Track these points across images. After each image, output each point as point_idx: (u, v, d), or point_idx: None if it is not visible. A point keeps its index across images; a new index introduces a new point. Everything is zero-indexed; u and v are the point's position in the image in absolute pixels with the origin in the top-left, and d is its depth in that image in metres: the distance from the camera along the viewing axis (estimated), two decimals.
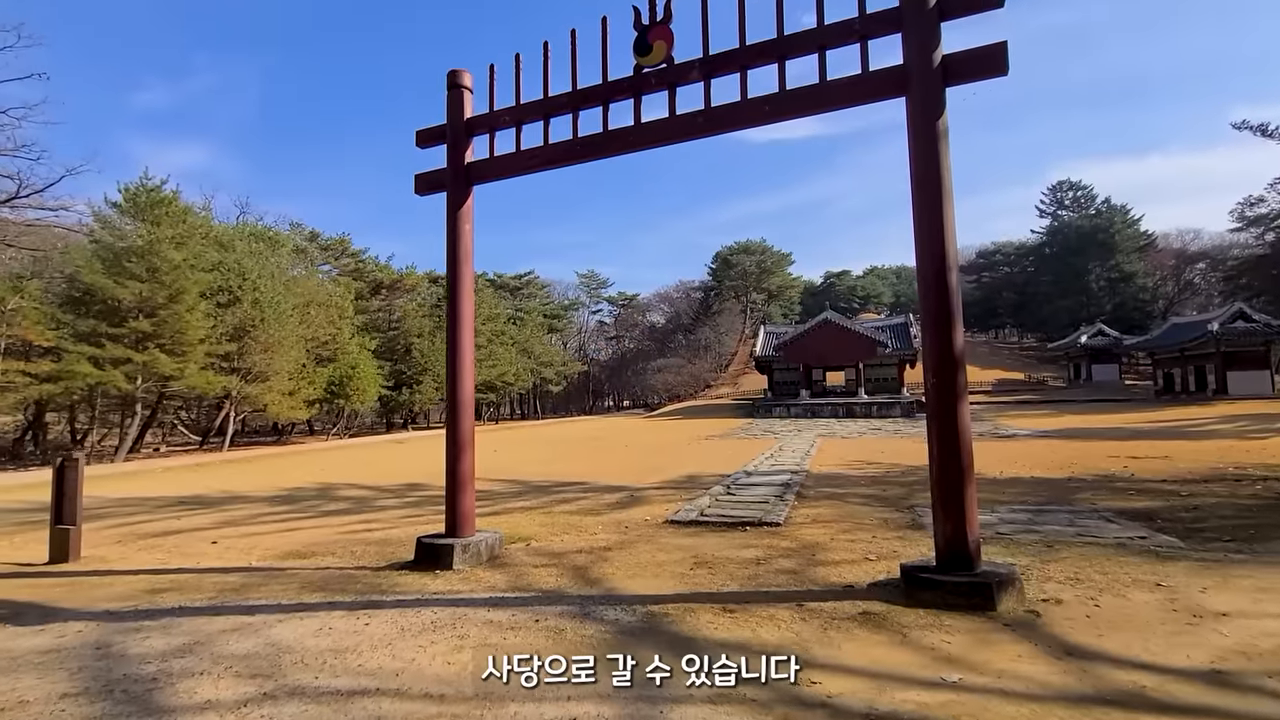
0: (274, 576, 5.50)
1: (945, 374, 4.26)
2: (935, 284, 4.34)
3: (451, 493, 5.85)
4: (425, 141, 6.41)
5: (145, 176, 25.76)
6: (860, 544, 5.96)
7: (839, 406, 36.94)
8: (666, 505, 8.75)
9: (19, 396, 22.15)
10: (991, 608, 3.84)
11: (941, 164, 4.42)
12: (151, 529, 8.49)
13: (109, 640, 3.90)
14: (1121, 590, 4.21)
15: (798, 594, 4.41)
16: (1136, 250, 66.36)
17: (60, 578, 5.84)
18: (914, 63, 4.52)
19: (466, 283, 6.03)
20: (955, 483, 4.18)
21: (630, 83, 5.49)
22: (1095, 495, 8.63)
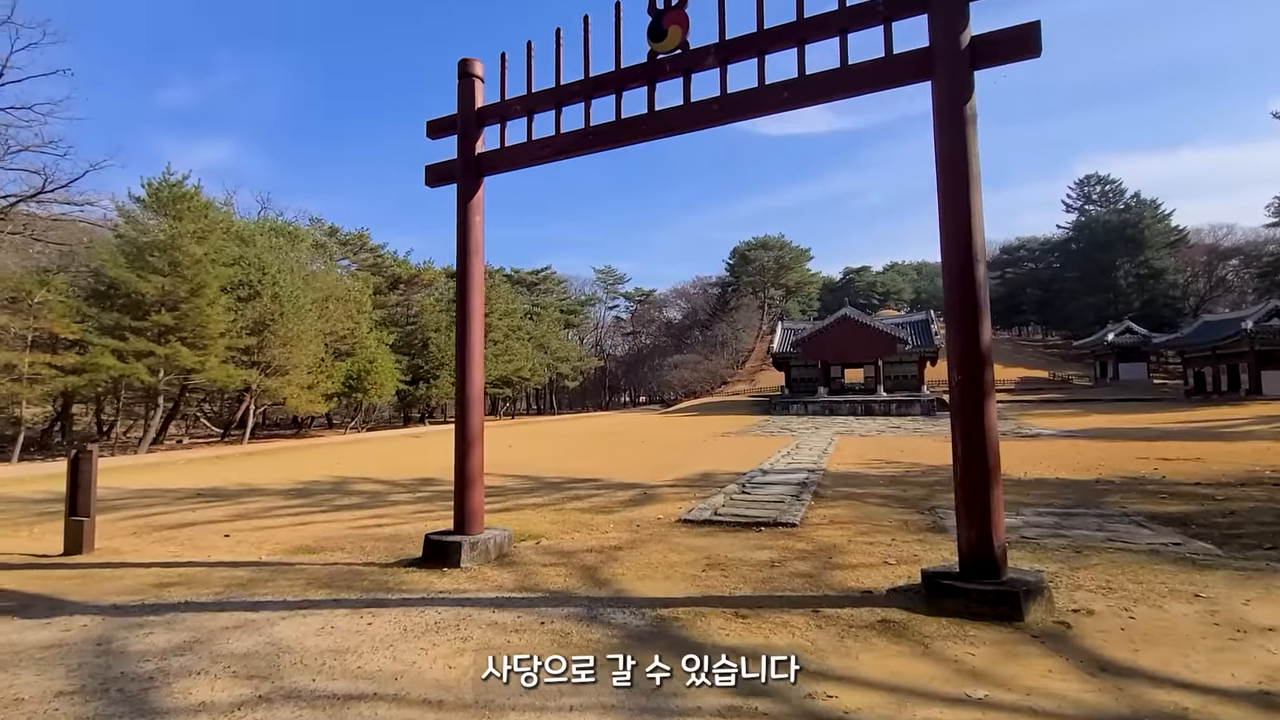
0: (282, 572, 5.46)
1: (971, 370, 4.06)
2: (961, 276, 4.13)
3: (460, 489, 5.76)
4: (436, 132, 6.31)
5: (168, 171, 26.19)
6: (879, 547, 5.77)
7: (857, 404, 36.50)
8: (680, 504, 8.61)
9: (46, 388, 22.64)
10: (1019, 618, 3.65)
11: (969, 151, 4.20)
12: (167, 521, 8.55)
13: (112, 636, 3.86)
14: (1157, 601, 3.99)
15: (813, 599, 4.24)
16: (1167, 246, 64.60)
17: (72, 569, 5.86)
18: (940, 45, 4.30)
19: (477, 276, 5.92)
20: (981, 485, 3.99)
21: (644, 69, 5.33)
22: (1125, 498, 8.32)
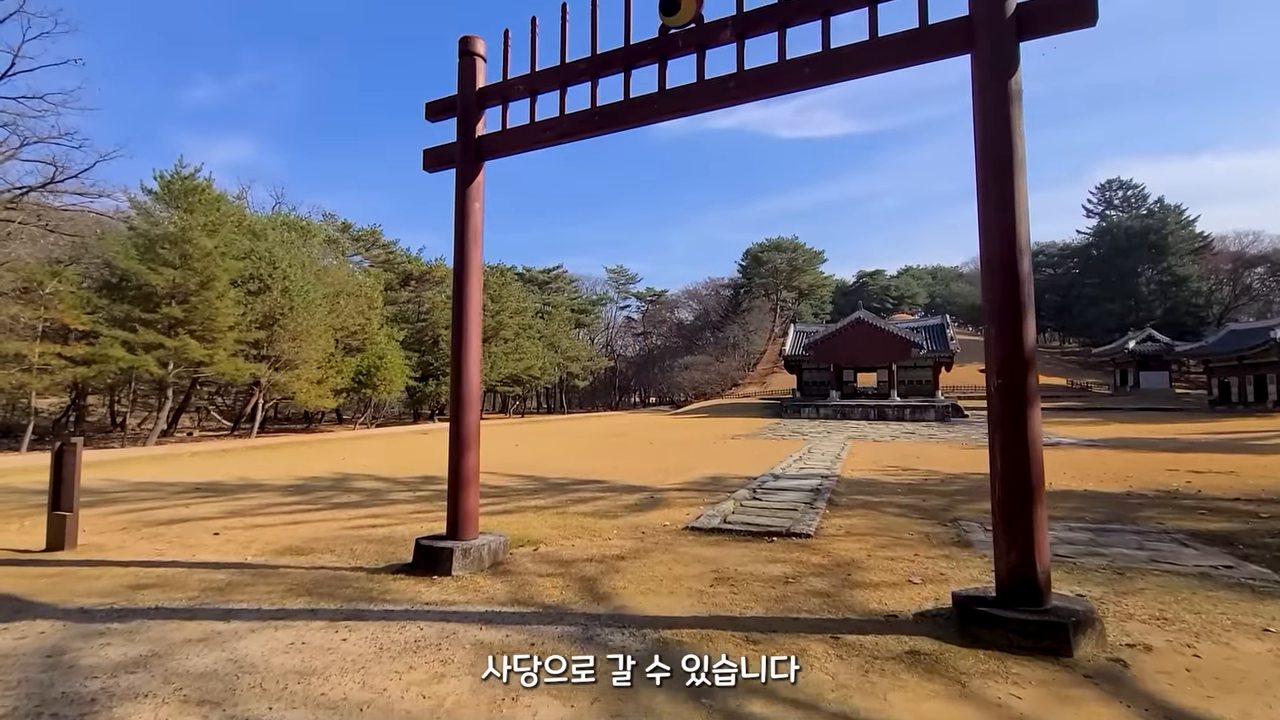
0: (264, 576, 5.15)
1: (1014, 375, 3.64)
2: (1004, 270, 3.72)
3: (454, 491, 5.41)
4: (435, 114, 5.98)
5: (180, 164, 26.17)
6: (901, 563, 5.35)
7: (870, 408, 35.88)
8: (687, 509, 8.22)
9: (55, 379, 22.65)
10: (1067, 653, 3.23)
11: (1013, 131, 3.79)
12: (159, 516, 8.29)
13: (66, 646, 3.55)
14: (1222, 636, 3.55)
15: (833, 623, 3.85)
16: (1191, 252, 63.20)
17: (50, 567, 5.59)
18: (982, 13, 3.90)
19: (475, 265, 5.58)
20: (1023, 501, 3.58)
21: (655, 45, 4.96)
22: (1161, 514, 7.83)
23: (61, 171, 21.96)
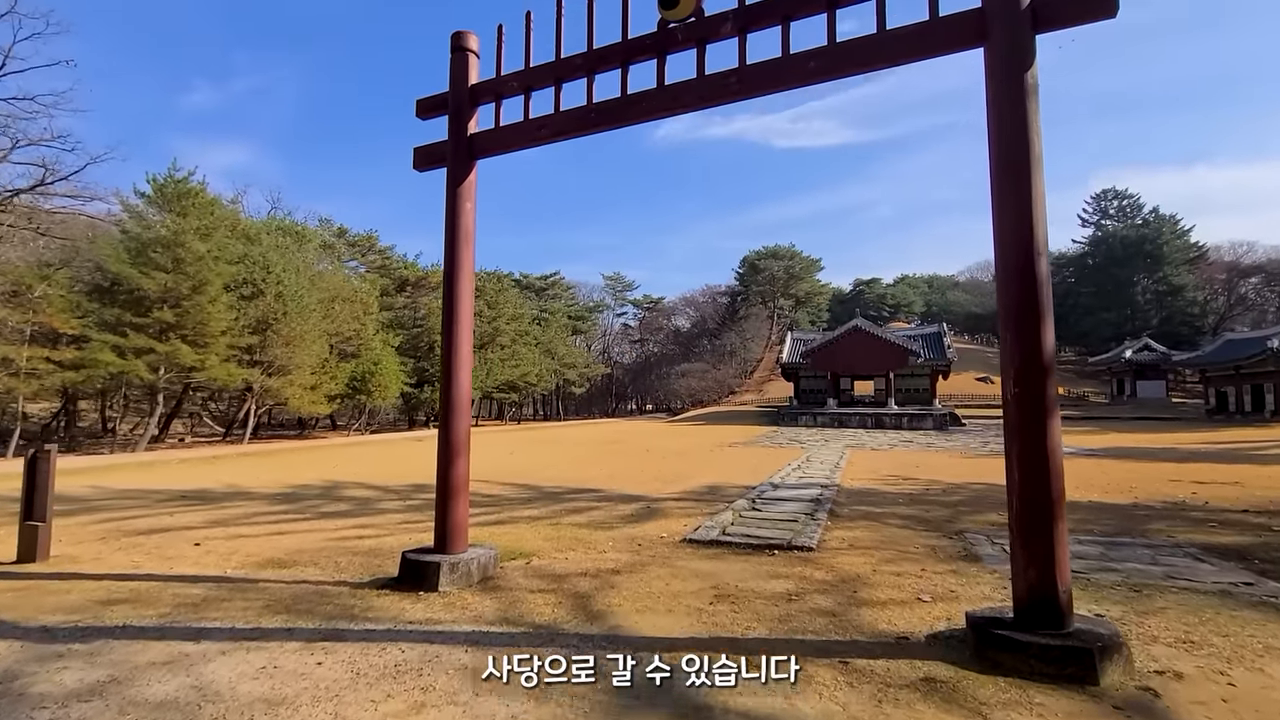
0: (242, 590, 4.91)
1: (1032, 382, 3.45)
2: (1020, 272, 3.54)
3: (442, 501, 5.18)
4: (426, 112, 5.78)
5: (173, 167, 25.94)
6: (909, 579, 5.13)
7: (867, 416, 35.71)
8: (685, 520, 7.99)
9: (44, 384, 22.32)
10: (1093, 680, 3.02)
11: (1029, 127, 3.61)
12: (140, 525, 8.03)
13: (20, 671, 3.31)
14: (1255, 661, 3.35)
15: (840, 645, 3.63)
16: (1186, 262, 63.46)
17: (16, 580, 5.33)
18: (996, 5, 3.73)
19: (466, 266, 5.37)
20: (1043, 516, 3.38)
21: (654, 40, 4.78)
22: (1170, 526, 7.63)
23: (52, 174, 21.73)
